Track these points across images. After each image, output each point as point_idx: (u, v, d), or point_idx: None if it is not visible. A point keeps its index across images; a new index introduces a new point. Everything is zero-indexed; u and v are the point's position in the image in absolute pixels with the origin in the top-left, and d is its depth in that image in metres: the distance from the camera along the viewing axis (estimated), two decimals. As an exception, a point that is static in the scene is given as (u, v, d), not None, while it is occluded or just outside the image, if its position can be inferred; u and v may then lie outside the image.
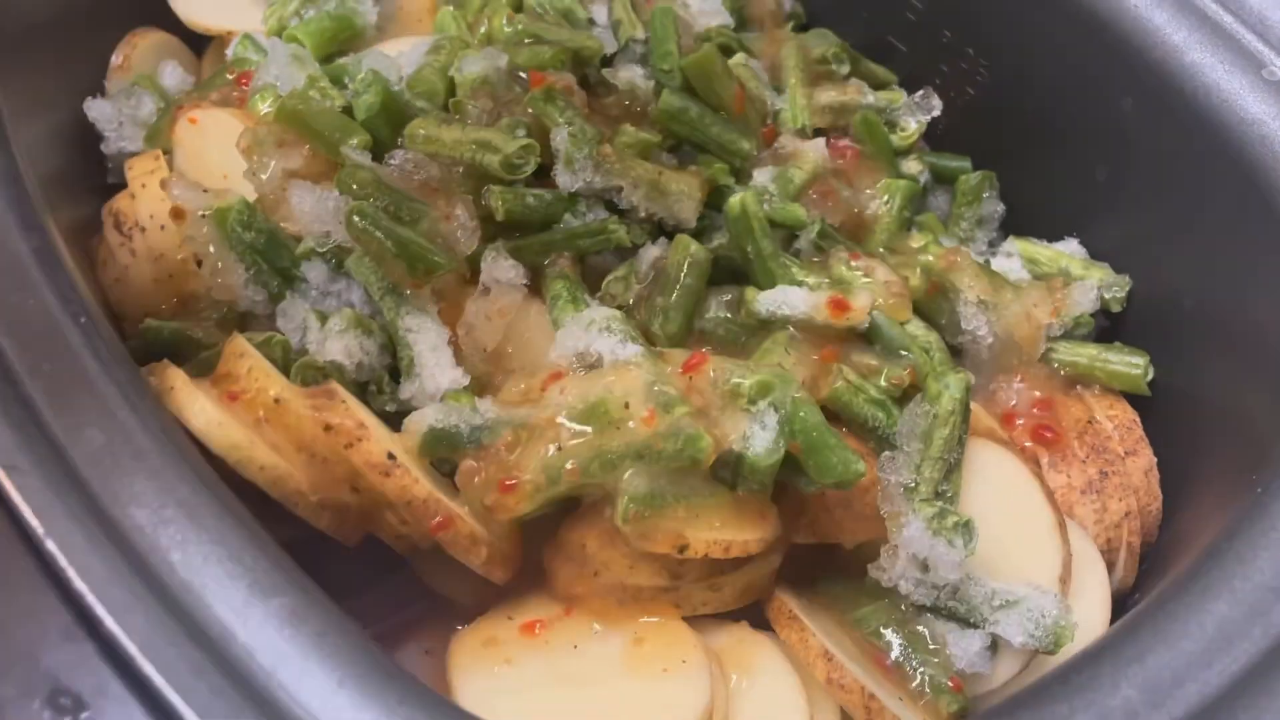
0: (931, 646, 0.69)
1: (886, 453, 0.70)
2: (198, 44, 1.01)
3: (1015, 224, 0.93)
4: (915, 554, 0.67)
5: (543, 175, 0.79)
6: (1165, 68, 0.76)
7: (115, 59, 0.95)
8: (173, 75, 0.95)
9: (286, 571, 0.51)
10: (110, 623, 0.46)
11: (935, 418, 0.70)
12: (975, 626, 0.68)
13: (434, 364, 0.69)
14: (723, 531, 0.65)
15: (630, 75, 0.86)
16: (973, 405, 0.75)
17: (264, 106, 0.81)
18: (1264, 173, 0.71)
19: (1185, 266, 0.80)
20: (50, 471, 0.51)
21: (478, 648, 0.66)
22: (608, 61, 0.90)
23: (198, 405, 0.60)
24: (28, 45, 0.84)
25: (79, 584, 0.48)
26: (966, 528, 0.66)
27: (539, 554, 0.69)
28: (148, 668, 0.46)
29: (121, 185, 0.85)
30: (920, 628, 0.69)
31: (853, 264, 0.79)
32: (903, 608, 0.70)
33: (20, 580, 0.48)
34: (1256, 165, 0.71)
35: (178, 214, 0.74)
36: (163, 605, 0.48)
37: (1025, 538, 0.71)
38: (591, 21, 0.93)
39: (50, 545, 0.48)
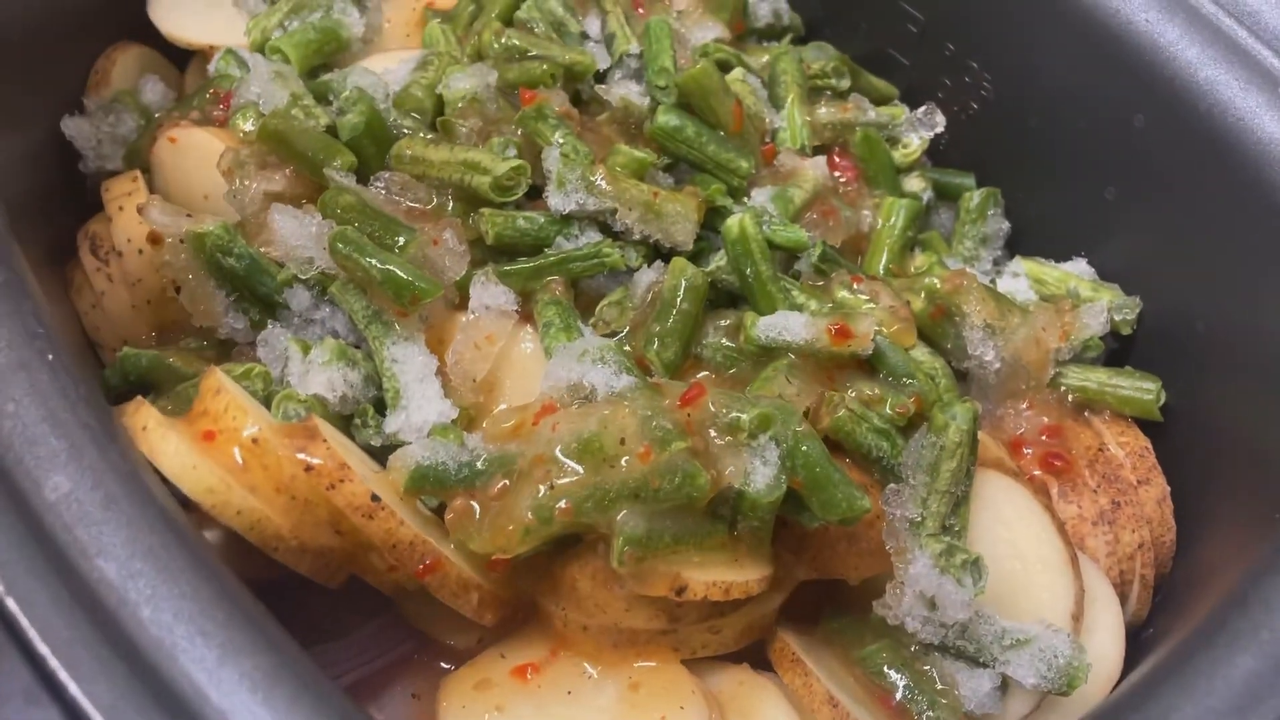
0: (940, 687, 0.66)
1: (891, 486, 0.67)
2: (180, 58, 0.98)
3: (1021, 243, 0.90)
4: (922, 592, 0.65)
5: (534, 196, 0.77)
6: (1177, 84, 0.74)
7: (94, 74, 0.93)
8: (154, 91, 0.93)
9: (262, 628, 0.49)
10: (74, 689, 0.44)
11: (942, 449, 0.67)
12: (985, 666, 0.66)
13: (420, 396, 0.67)
14: (722, 572, 0.63)
15: (624, 92, 0.83)
16: (980, 434, 0.72)
17: (246, 126, 0.79)
18: (1278, 193, 0.69)
19: (1198, 288, 0.77)
20: (12, 522, 0.48)
21: (469, 691, 0.64)
22: (601, 77, 0.88)
23: (171, 447, 0.57)
24: (3, 62, 0.81)
25: (40, 646, 0.45)
26: (975, 565, 0.64)
27: (532, 590, 0.67)
28: (113, 736, 0.43)
29: (101, 206, 0.83)
30: (927, 667, 0.67)
31: (855, 287, 0.76)
32: (910, 646, 0.67)
33: (-22, 642, 0.45)
34: (1272, 185, 0.69)
35: (155, 239, 0.71)
36: (130, 668, 0.45)
37: (1036, 573, 0.69)
38: (585, 36, 0.90)
39: (10, 604, 0.46)
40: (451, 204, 0.75)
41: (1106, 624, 0.70)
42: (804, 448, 0.64)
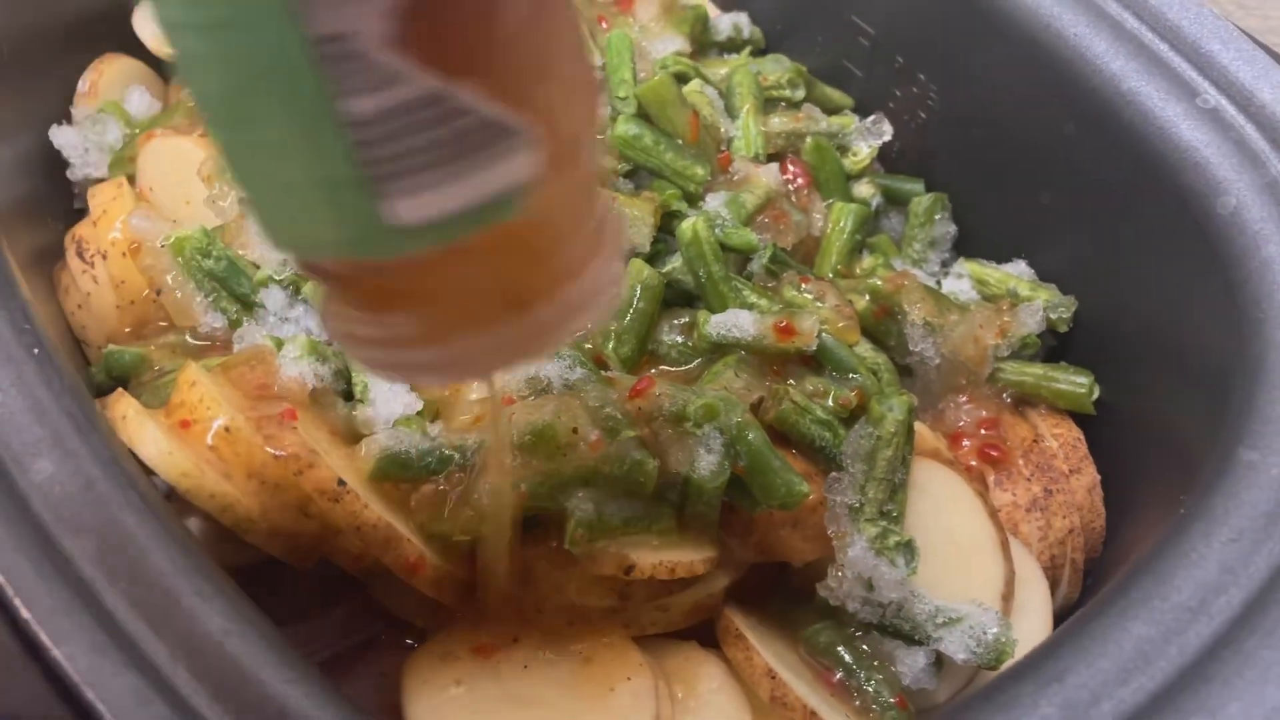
0: (877, 664, 0.70)
1: (833, 474, 0.71)
2: (165, 69, 1.02)
3: (967, 246, 0.95)
4: (860, 573, 0.69)
5: (499, 201, 0.81)
6: (1103, 95, 0.78)
7: (82, 85, 0.96)
8: (140, 101, 0.96)
9: (233, 600, 0.52)
10: (55, 652, 0.48)
11: (879, 439, 0.71)
12: (920, 644, 0.70)
13: (387, 390, 0.71)
14: (669, 553, 0.67)
15: (586, 102, 0.87)
16: (918, 425, 0.76)
17: (225, 135, 0.83)
18: (1197, 199, 0.73)
19: (1126, 288, 0.81)
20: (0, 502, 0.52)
21: (433, 666, 0.67)
22: (565, 88, 0.92)
23: (148, 434, 0.61)
24: (-7, 73, 0.85)
25: (24, 613, 0.49)
26: (908, 547, 0.68)
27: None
28: (90, 695, 0.47)
29: (87, 211, 0.86)
30: (866, 646, 0.71)
31: (804, 287, 0.80)
32: (850, 626, 0.71)
33: (-33, 610, 0.49)
34: (1190, 191, 0.73)
35: (134, 250, 0.76)
36: (108, 635, 0.49)
37: (969, 555, 0.73)
38: (549, 48, 0.94)
39: (-2, 576, 0.50)
40: (419, 209, 0.79)
41: (1035, 604, 0.74)
42: (747, 436, 0.68)
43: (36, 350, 0.59)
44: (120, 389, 0.69)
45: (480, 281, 0.37)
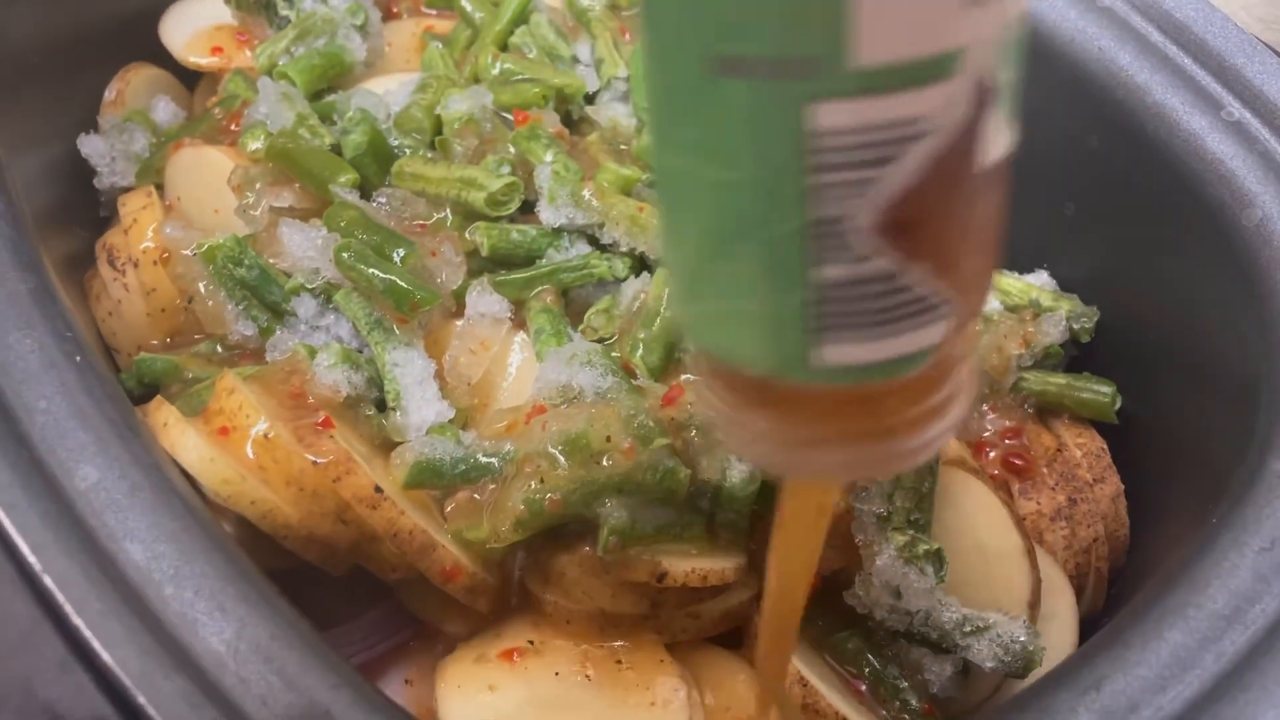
0: (905, 671, 0.71)
1: (859, 483, 0.72)
2: (190, 78, 1.03)
3: (988, 256, 0.95)
4: (888, 582, 0.69)
5: (527, 210, 0.82)
6: (1128, 107, 0.79)
7: (109, 94, 0.97)
8: (165, 110, 0.97)
9: (274, 604, 0.53)
10: (105, 656, 0.48)
11: None
12: (948, 651, 0.70)
13: (419, 398, 0.71)
14: (701, 560, 0.67)
15: (613, 113, 0.88)
16: (945, 435, 0.77)
17: (254, 144, 0.83)
18: (1223, 211, 0.73)
19: (1150, 299, 0.82)
20: (46, 508, 0.53)
21: (466, 671, 0.68)
22: (591, 99, 0.93)
23: (190, 441, 0.62)
24: (22, 82, 0.86)
25: (75, 618, 0.49)
26: (936, 556, 0.69)
27: (524, 578, 0.71)
28: (141, 699, 0.47)
29: (115, 218, 0.87)
30: (894, 653, 0.71)
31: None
32: (877, 634, 0.72)
33: (17, 614, 0.50)
34: (1216, 203, 0.74)
35: (165, 259, 0.76)
36: (156, 639, 0.50)
37: (995, 564, 0.73)
38: (575, 60, 0.95)
39: (47, 580, 0.50)
40: (449, 218, 0.80)
41: (1062, 612, 0.74)
42: (779, 445, 0.68)
43: (78, 358, 0.60)
44: (160, 396, 0.69)
45: (858, 414, 0.40)
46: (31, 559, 0.50)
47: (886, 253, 0.34)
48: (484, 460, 0.67)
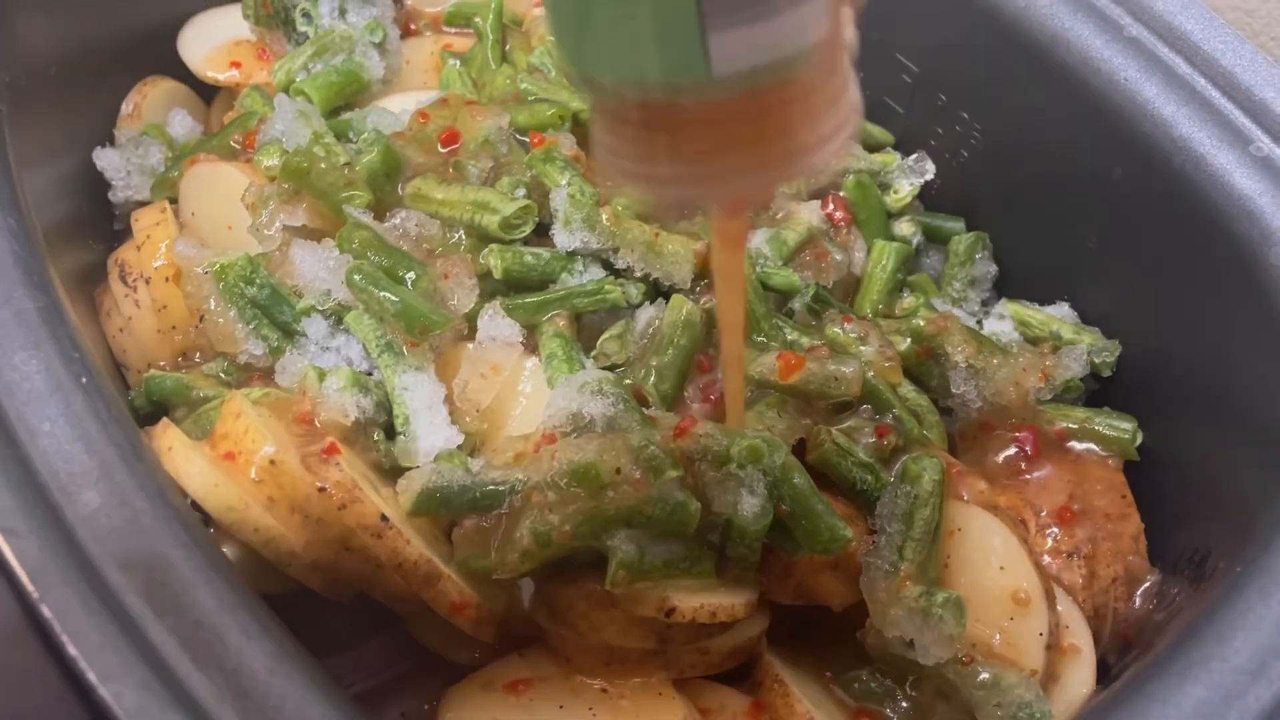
0: (917, 715, 0.69)
1: (867, 537, 0.70)
2: (207, 92, 1.03)
3: (1008, 286, 0.94)
4: (901, 637, 0.67)
5: (542, 233, 0.81)
6: (1153, 140, 0.77)
7: (125, 108, 0.97)
8: (182, 124, 0.97)
9: (275, 636, 0.52)
10: (102, 691, 0.47)
11: (916, 499, 0.70)
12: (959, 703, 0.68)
13: (428, 423, 0.70)
14: (710, 596, 0.66)
15: (629, 135, 0.87)
16: (962, 468, 0.76)
17: (269, 162, 0.83)
18: (1249, 247, 0.72)
19: (1173, 334, 0.80)
20: (47, 535, 0.52)
21: (469, 702, 0.67)
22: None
23: (195, 466, 0.61)
24: (39, 94, 0.86)
25: (71, 649, 0.48)
26: (956, 604, 0.66)
27: (530, 610, 0.70)
28: (136, 734, 0.47)
29: (128, 233, 0.87)
30: (905, 698, 0.70)
31: (846, 326, 0.80)
32: (889, 676, 0.70)
33: (14, 644, 0.49)
34: (1242, 239, 0.72)
35: (176, 276, 0.76)
36: (154, 671, 0.49)
37: (1013, 605, 0.72)
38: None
39: (45, 610, 0.49)
40: (463, 240, 0.79)
41: (1080, 655, 0.72)
42: (793, 479, 0.67)
43: (85, 380, 0.59)
44: (165, 419, 0.68)
45: (752, 117, 0.44)
46: (30, 588, 0.50)
47: None
48: (492, 489, 0.66)
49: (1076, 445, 0.82)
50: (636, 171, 0.48)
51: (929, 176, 0.96)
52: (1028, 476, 0.81)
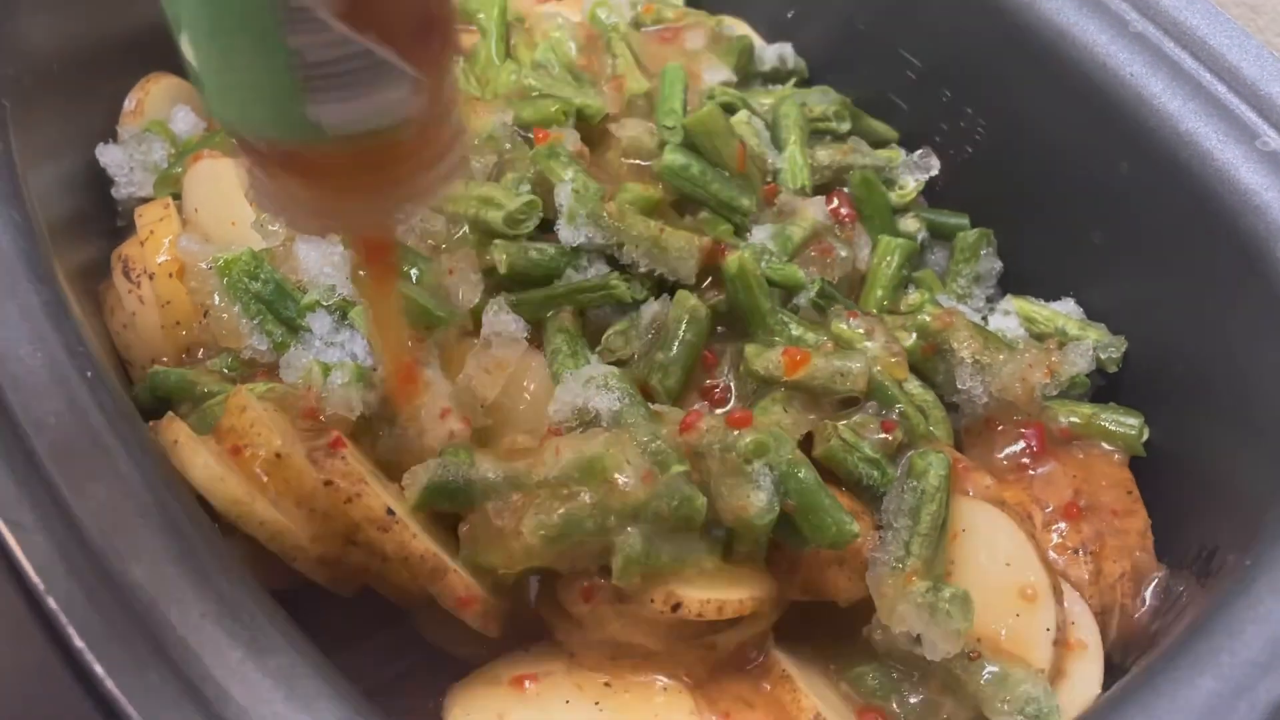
0: (923, 711, 0.69)
1: (874, 533, 0.70)
2: (210, 90, 1.02)
3: (1013, 282, 0.94)
4: (910, 630, 0.67)
5: (546, 229, 0.81)
6: (1160, 135, 0.77)
7: (128, 104, 0.97)
8: (185, 121, 0.97)
9: (283, 630, 0.52)
10: (109, 683, 0.47)
11: (923, 494, 0.70)
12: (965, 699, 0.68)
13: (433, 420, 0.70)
14: (716, 590, 0.66)
15: (635, 131, 0.87)
16: (969, 464, 0.76)
17: (273, 157, 0.83)
18: (1257, 242, 0.72)
19: (1180, 330, 0.80)
20: (53, 528, 0.52)
21: (474, 698, 0.67)
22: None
23: (201, 460, 0.61)
24: (42, 91, 0.86)
25: (78, 642, 0.48)
26: (963, 600, 0.66)
27: (536, 604, 0.70)
28: (143, 728, 0.46)
29: (131, 229, 0.86)
30: (911, 693, 0.70)
31: (851, 322, 0.80)
32: (895, 671, 0.70)
33: (21, 637, 0.49)
34: (1249, 234, 0.72)
35: (180, 271, 0.75)
36: (161, 664, 0.48)
37: (1020, 601, 0.71)
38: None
39: (51, 603, 0.49)
40: (467, 235, 0.79)
41: (1087, 651, 0.72)
42: (799, 474, 0.67)
43: (90, 373, 0.59)
44: (170, 413, 0.68)
45: (366, 169, 0.51)
46: (36, 581, 0.49)
47: (347, 30, 0.44)
48: (497, 484, 0.66)
49: (1083, 441, 0.82)
50: (277, 206, 0.56)
51: (934, 172, 0.96)
52: (1034, 472, 0.80)
